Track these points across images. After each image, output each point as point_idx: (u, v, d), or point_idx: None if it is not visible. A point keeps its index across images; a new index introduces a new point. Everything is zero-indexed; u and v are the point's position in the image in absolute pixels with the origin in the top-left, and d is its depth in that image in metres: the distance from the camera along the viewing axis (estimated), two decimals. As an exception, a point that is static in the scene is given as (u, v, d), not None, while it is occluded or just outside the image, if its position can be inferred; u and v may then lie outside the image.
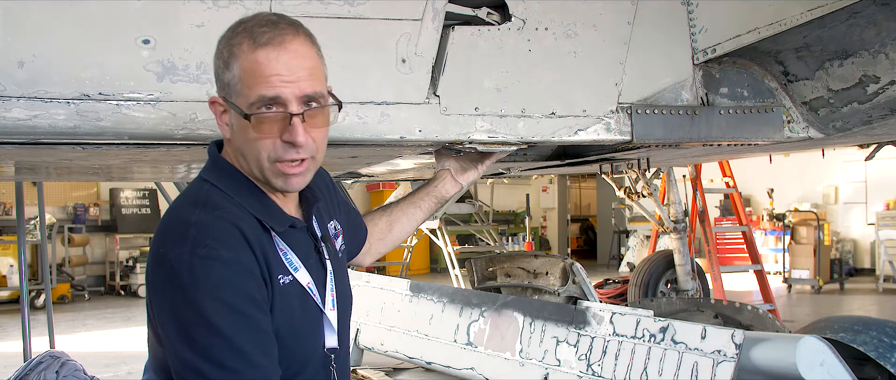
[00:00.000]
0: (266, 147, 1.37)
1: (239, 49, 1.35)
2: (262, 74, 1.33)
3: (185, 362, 1.28)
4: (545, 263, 4.85)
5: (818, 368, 2.84)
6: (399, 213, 2.06)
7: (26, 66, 1.78)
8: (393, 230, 2.04)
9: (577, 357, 3.62)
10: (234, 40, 1.36)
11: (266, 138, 1.37)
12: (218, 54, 1.40)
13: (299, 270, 1.45)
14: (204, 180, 1.44)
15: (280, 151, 1.38)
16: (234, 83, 1.36)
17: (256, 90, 1.34)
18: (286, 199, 1.50)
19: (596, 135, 2.44)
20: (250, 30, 1.35)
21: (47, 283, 6.42)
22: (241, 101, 1.36)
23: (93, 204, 12.47)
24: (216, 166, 1.47)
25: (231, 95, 1.38)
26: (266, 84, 1.33)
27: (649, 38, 2.48)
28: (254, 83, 1.34)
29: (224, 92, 1.40)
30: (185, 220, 1.34)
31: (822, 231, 11.40)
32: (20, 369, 2.96)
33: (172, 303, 1.30)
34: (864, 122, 2.71)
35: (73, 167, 2.88)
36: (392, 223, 2.04)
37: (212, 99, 1.43)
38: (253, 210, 1.41)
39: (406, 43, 2.13)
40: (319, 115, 1.40)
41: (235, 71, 1.35)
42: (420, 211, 2.09)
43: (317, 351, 1.49)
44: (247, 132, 1.37)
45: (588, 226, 19.60)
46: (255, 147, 1.38)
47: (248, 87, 1.34)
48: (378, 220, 2.03)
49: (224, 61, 1.38)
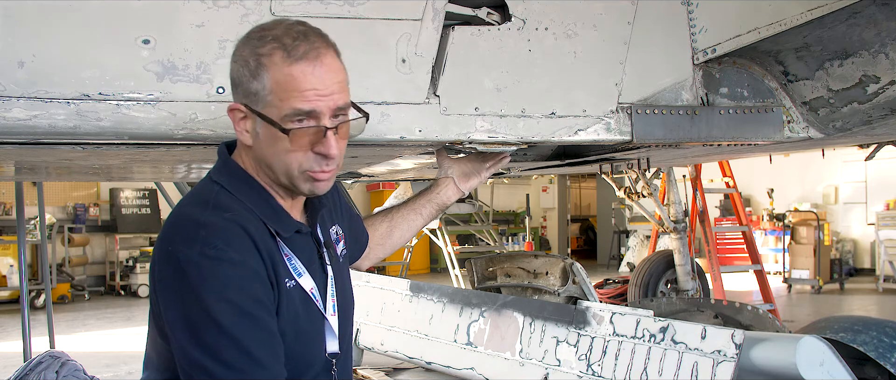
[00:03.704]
0: (298, 159, 1.39)
1: (270, 60, 1.34)
2: (297, 89, 1.34)
3: (193, 361, 1.29)
4: (545, 263, 4.84)
5: (818, 368, 2.84)
6: (399, 219, 2.06)
7: (26, 66, 1.77)
8: (393, 235, 2.04)
9: (577, 357, 3.62)
10: (262, 50, 1.35)
11: (299, 151, 1.38)
12: (242, 62, 1.38)
13: (303, 276, 1.45)
14: (213, 182, 1.45)
15: (311, 162, 1.40)
16: (264, 94, 1.36)
17: (291, 103, 1.34)
18: (292, 205, 1.51)
19: (596, 135, 2.44)
20: (281, 41, 1.35)
21: (47, 283, 6.41)
22: (271, 111, 1.36)
23: (93, 204, 12.47)
24: (226, 168, 1.47)
25: (257, 104, 1.37)
26: (302, 98, 1.34)
27: (649, 38, 2.48)
28: (287, 96, 1.34)
29: (248, 100, 1.39)
30: (194, 220, 1.35)
31: (822, 231, 11.39)
32: (20, 369, 2.96)
33: (180, 302, 1.31)
34: (864, 122, 2.71)
35: (73, 167, 2.88)
36: (392, 229, 2.04)
37: (232, 106, 1.42)
38: (261, 214, 1.42)
39: (406, 43, 2.13)
40: (346, 125, 1.43)
41: (266, 82, 1.35)
42: (420, 217, 2.09)
43: (319, 356, 1.49)
44: (278, 143, 1.38)
45: (588, 226, 19.60)
46: (286, 158, 1.39)
47: (280, 99, 1.35)
48: (378, 224, 2.03)
49: (251, 71, 1.36)
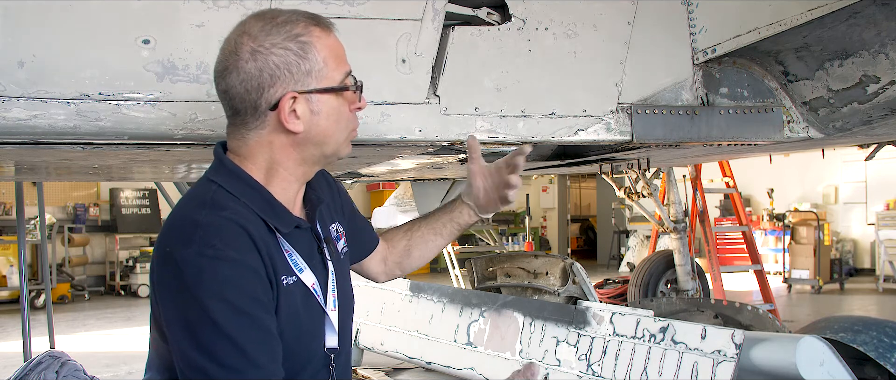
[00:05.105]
0: (352, 119, 1.49)
1: (312, 36, 1.41)
2: (340, 54, 1.45)
3: (190, 362, 1.29)
4: (545, 263, 4.84)
5: (818, 368, 2.84)
6: (419, 240, 2.01)
7: (26, 66, 1.78)
8: (411, 255, 2.01)
9: (577, 357, 3.62)
10: (298, 30, 1.39)
11: (355, 109, 1.50)
12: (284, 49, 1.38)
13: (304, 271, 1.45)
14: (210, 181, 1.44)
15: (354, 120, 1.51)
16: (320, 68, 1.41)
17: (342, 68, 1.45)
18: (291, 200, 1.51)
19: (596, 135, 2.44)
20: (311, 17, 1.43)
21: (47, 283, 6.40)
22: (328, 83, 1.43)
23: (93, 204, 12.47)
24: (223, 167, 1.46)
25: (312, 83, 1.41)
26: (344, 61, 1.46)
27: (649, 38, 2.48)
28: (337, 63, 1.44)
29: (301, 84, 1.39)
30: (191, 220, 1.35)
31: (822, 231, 11.39)
32: (20, 369, 2.96)
33: (178, 302, 1.31)
34: (864, 122, 2.71)
35: (73, 167, 2.88)
36: (411, 249, 2.00)
37: (286, 95, 1.39)
38: (259, 211, 1.41)
39: (406, 43, 2.13)
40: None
41: (318, 56, 1.41)
42: (441, 238, 2.04)
43: (318, 351, 1.49)
44: (342, 110, 1.46)
45: (588, 226, 19.59)
46: (347, 121, 1.48)
47: (333, 68, 1.43)
48: (397, 242, 1.99)
49: (296, 53, 1.38)
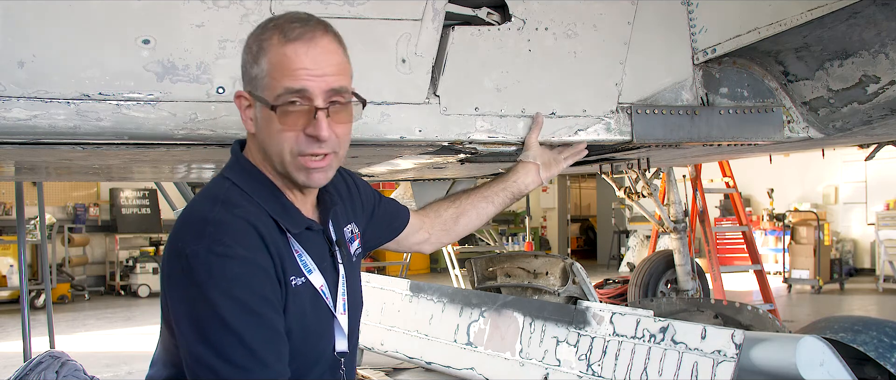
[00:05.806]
0: (289, 140, 1.39)
1: (269, 43, 1.38)
2: (289, 68, 1.36)
3: (198, 357, 1.30)
4: (545, 263, 4.84)
5: (818, 368, 2.84)
6: (468, 205, 2.00)
7: (26, 66, 1.77)
8: (459, 223, 2.00)
9: (577, 357, 3.62)
10: (263, 36, 1.39)
11: (290, 131, 1.38)
12: (246, 49, 1.42)
13: (313, 273, 1.45)
14: (225, 178, 1.46)
15: (303, 144, 1.39)
16: (262, 76, 1.39)
17: (283, 83, 1.36)
18: (304, 201, 1.51)
19: (596, 135, 2.44)
20: (281, 26, 1.38)
21: (47, 283, 6.39)
22: (267, 93, 1.38)
23: (93, 204, 12.46)
24: (238, 165, 1.48)
25: (257, 89, 1.40)
26: (293, 77, 1.36)
27: (649, 38, 2.48)
28: (281, 76, 1.36)
29: (250, 86, 1.42)
30: (203, 216, 1.36)
31: (822, 231, 11.39)
32: (20, 369, 2.96)
33: (187, 298, 1.31)
34: (864, 122, 2.71)
35: (73, 167, 2.88)
36: (458, 216, 1.99)
37: (237, 94, 1.45)
38: (271, 210, 1.42)
39: (406, 43, 2.13)
40: (343, 110, 1.42)
41: (264, 65, 1.38)
42: (492, 206, 2.02)
43: (325, 353, 1.49)
44: (271, 124, 1.39)
45: (588, 226, 19.60)
46: (278, 140, 1.39)
47: (274, 79, 1.37)
48: (443, 211, 1.99)
49: (253, 56, 1.40)
